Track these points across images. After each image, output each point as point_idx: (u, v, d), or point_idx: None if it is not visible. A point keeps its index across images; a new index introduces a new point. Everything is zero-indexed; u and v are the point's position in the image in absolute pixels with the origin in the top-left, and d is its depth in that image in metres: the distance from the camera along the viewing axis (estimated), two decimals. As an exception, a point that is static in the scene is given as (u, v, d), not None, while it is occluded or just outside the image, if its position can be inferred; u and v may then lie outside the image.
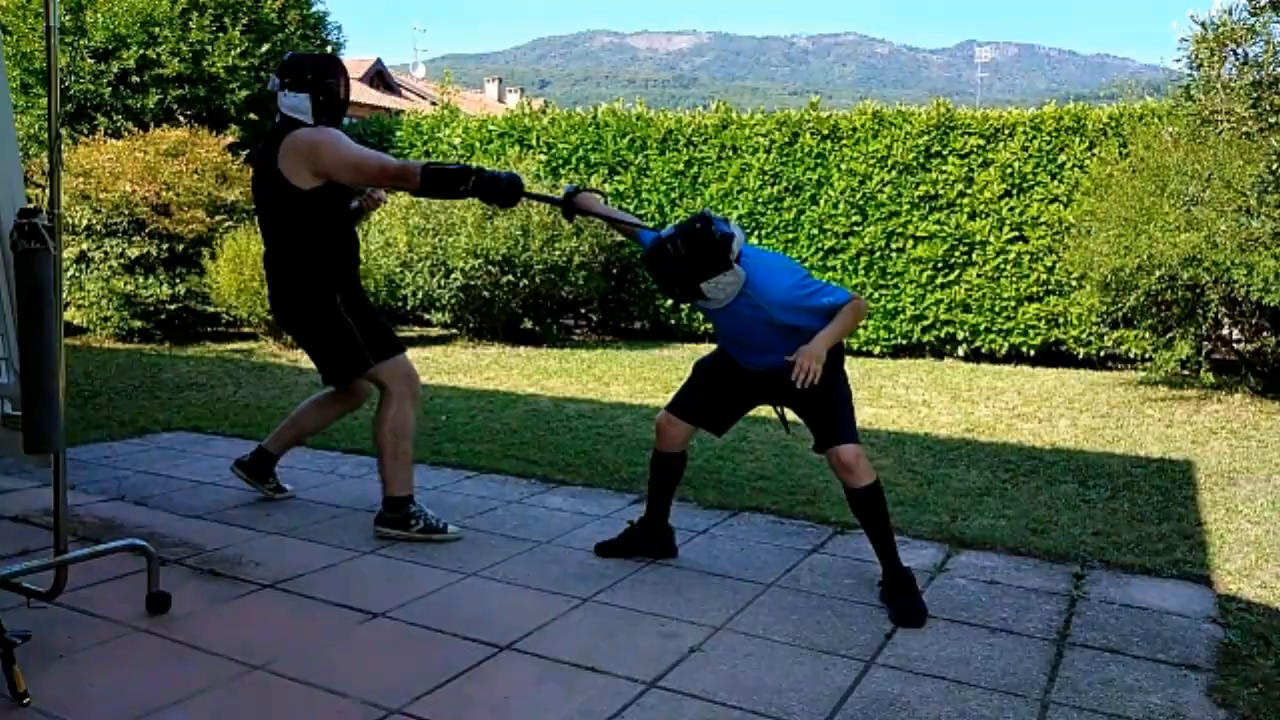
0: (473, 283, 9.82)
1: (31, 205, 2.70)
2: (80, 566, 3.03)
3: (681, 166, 10.98)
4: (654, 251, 3.13)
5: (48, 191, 2.86)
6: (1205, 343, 7.70)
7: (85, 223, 9.34)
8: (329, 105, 3.81)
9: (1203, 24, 7.75)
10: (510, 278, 9.82)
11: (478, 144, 12.01)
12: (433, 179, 3.51)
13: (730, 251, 3.06)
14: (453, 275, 9.83)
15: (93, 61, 10.88)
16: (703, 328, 10.94)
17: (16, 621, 2.63)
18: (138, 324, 9.66)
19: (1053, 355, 9.76)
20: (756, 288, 3.12)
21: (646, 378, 8.16)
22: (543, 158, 11.46)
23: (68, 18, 10.83)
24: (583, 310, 11.51)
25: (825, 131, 10.43)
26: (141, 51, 10.91)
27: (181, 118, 10.73)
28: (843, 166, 10.27)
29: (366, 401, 4.23)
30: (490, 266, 9.71)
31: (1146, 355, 8.56)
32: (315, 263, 3.78)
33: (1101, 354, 9.49)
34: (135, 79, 11.07)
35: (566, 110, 12.51)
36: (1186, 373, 8.10)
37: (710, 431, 3.55)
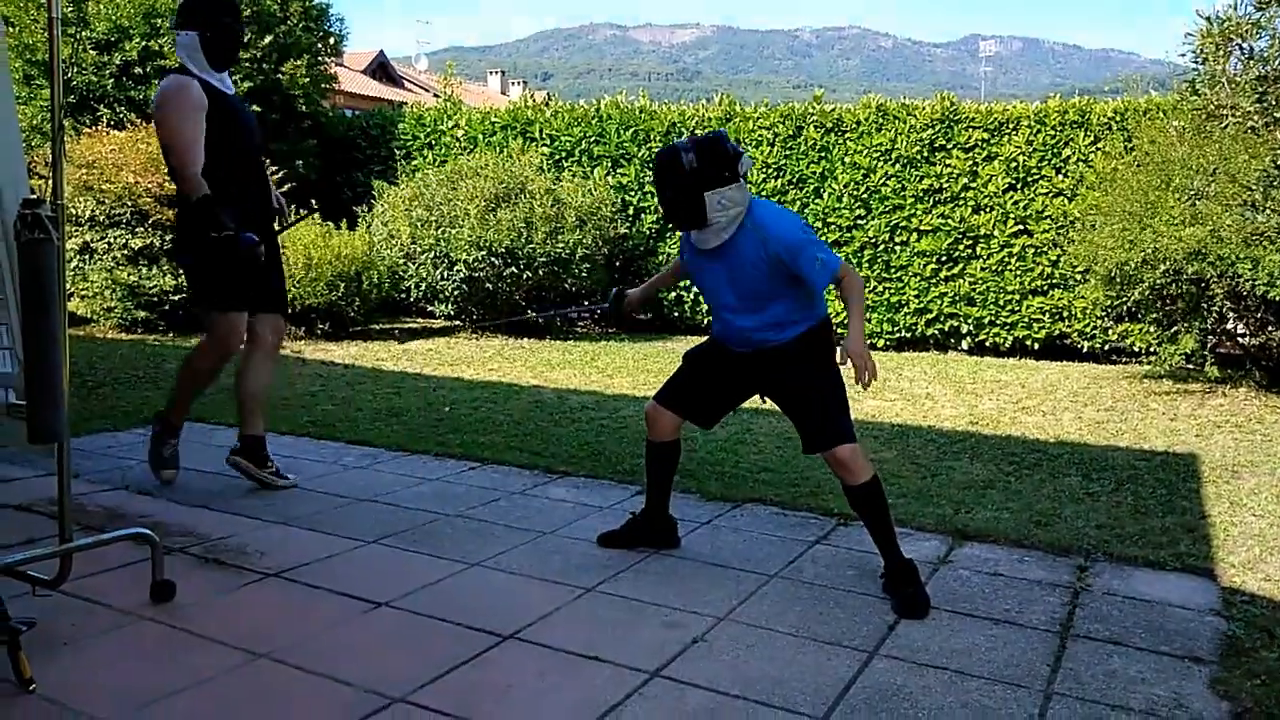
0: (476, 274, 9.82)
1: (35, 196, 2.70)
2: (85, 555, 3.03)
3: (685, 159, 10.95)
4: (666, 158, 3.10)
5: (51, 182, 2.86)
6: (1210, 337, 7.69)
7: (89, 214, 9.33)
8: (217, 41, 3.97)
9: (1208, 19, 7.73)
10: (513, 270, 9.81)
11: (480, 136, 12.00)
12: (198, 207, 3.82)
13: (740, 165, 3.08)
14: (456, 267, 9.82)
15: (95, 53, 10.86)
16: (705, 319, 10.92)
17: (22, 609, 2.64)
18: (141, 315, 9.66)
19: (1057, 349, 9.75)
20: (759, 217, 3.15)
21: (649, 370, 8.16)
22: (546, 150, 11.45)
23: (70, 9, 10.81)
24: (586, 302, 11.50)
25: (829, 125, 10.41)
26: (144, 43, 10.89)
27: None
28: (846, 160, 10.25)
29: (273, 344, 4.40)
30: (493, 258, 9.70)
31: (1151, 349, 8.55)
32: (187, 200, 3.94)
33: (1106, 348, 9.48)
34: (138, 70, 11.04)
35: (570, 103, 12.49)
36: (1191, 367, 8.09)
37: (697, 424, 3.51)
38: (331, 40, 13.45)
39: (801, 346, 3.26)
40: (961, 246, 9.84)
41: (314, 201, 10.26)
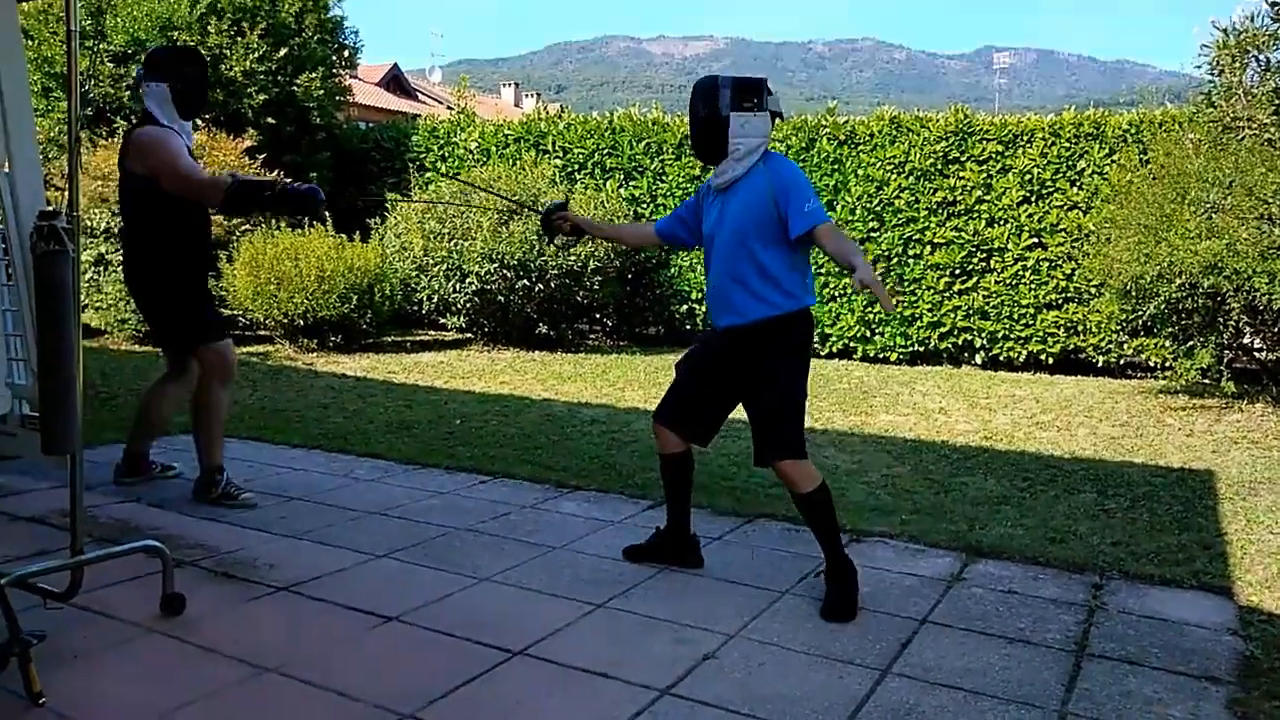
0: (488, 287, 9.83)
1: (51, 208, 2.72)
2: (96, 567, 3.03)
3: (698, 171, 10.96)
4: (705, 80, 3.30)
5: (67, 194, 2.87)
6: (1226, 351, 7.62)
7: (104, 225, 9.40)
8: (186, 91, 4.11)
9: (1224, 30, 7.71)
10: (525, 282, 9.82)
11: (494, 149, 12.03)
12: (238, 190, 3.83)
13: (766, 95, 3.24)
14: (468, 280, 9.84)
15: (112, 65, 10.95)
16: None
17: (33, 622, 2.63)
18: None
19: (1072, 363, 9.69)
20: (774, 160, 3.26)
21: (661, 383, 8.14)
22: (559, 162, 11.47)
23: (88, 22, 10.92)
24: (598, 315, 11.50)
25: (842, 137, 10.40)
26: (161, 56, 10.99)
27: (199, 121, 10.78)
28: (860, 172, 10.23)
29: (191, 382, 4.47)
30: (505, 271, 9.72)
31: (1167, 364, 8.49)
32: (153, 246, 4.13)
33: (1121, 362, 9.41)
34: (155, 83, 11.13)
35: (583, 115, 12.52)
36: (1207, 382, 8.03)
37: (693, 441, 3.50)
38: (346, 53, 13.53)
39: (770, 331, 3.23)
40: (975, 259, 9.80)
41: (327, 213, 10.36)
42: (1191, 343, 7.56)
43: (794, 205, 3.15)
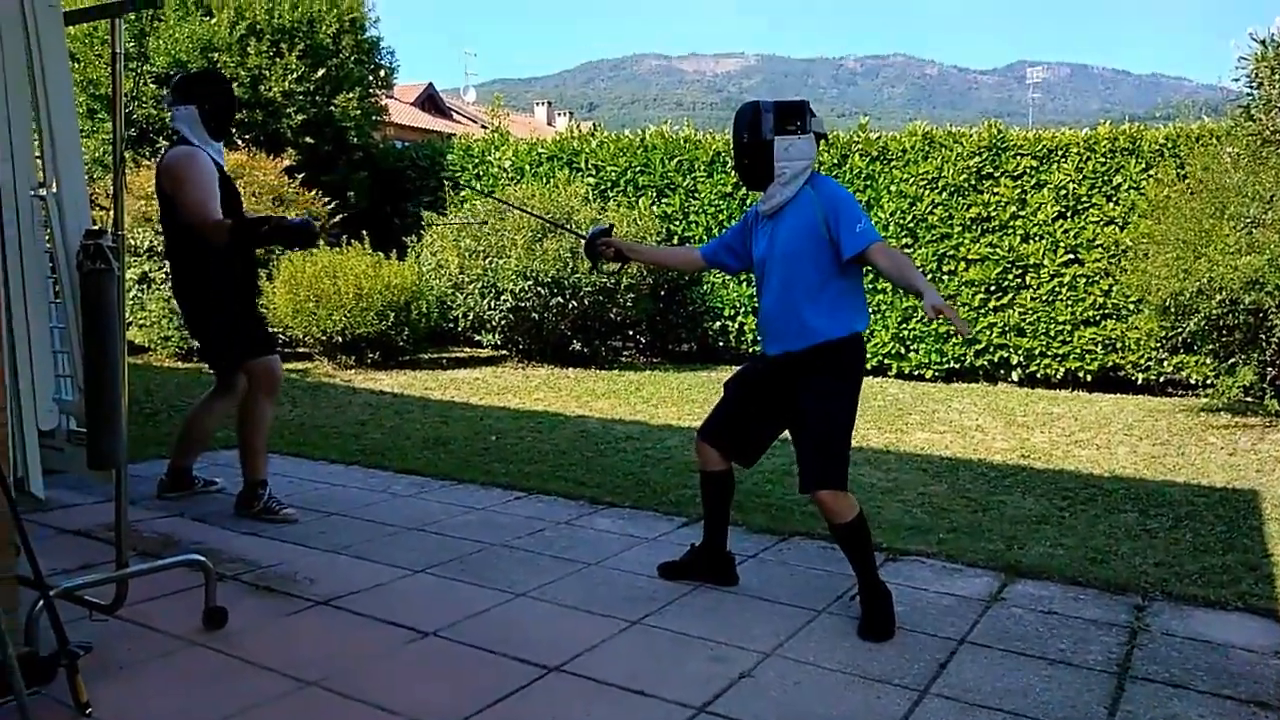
0: (522, 304, 9.89)
1: (97, 227, 2.78)
2: (140, 580, 3.08)
3: (729, 188, 10.98)
4: (747, 107, 3.32)
5: (112, 214, 2.94)
6: (1269, 368, 7.49)
7: (147, 244, 9.57)
8: (215, 113, 4.24)
9: (1263, 42, 7.61)
10: (559, 299, 9.87)
11: (527, 167, 12.12)
12: (236, 228, 4.01)
13: (809, 117, 3.24)
14: (503, 297, 9.90)
15: (155, 87, 11.16)
16: (749, 349, 10.89)
17: (79, 633, 2.68)
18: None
19: (1110, 380, 9.56)
20: (821, 182, 3.25)
21: (694, 400, 8.14)
22: (591, 180, 11.53)
23: (131, 44, 11.15)
24: (631, 332, 11.52)
25: (874, 153, 10.37)
26: (203, 77, 11.19)
27: (239, 141, 10.97)
28: (892, 188, 10.20)
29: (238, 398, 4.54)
30: (540, 288, 9.77)
31: (1208, 381, 8.36)
32: (197, 262, 4.23)
33: (1161, 379, 9.28)
34: (197, 104, 11.34)
35: (615, 133, 12.58)
36: (1250, 399, 7.89)
37: (737, 462, 3.49)
38: (382, 73, 13.71)
39: (821, 359, 3.20)
40: (1011, 276, 9.72)
41: (364, 231, 10.48)
42: (1233, 360, 7.44)
43: (845, 226, 3.12)
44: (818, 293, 3.18)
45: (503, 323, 10.19)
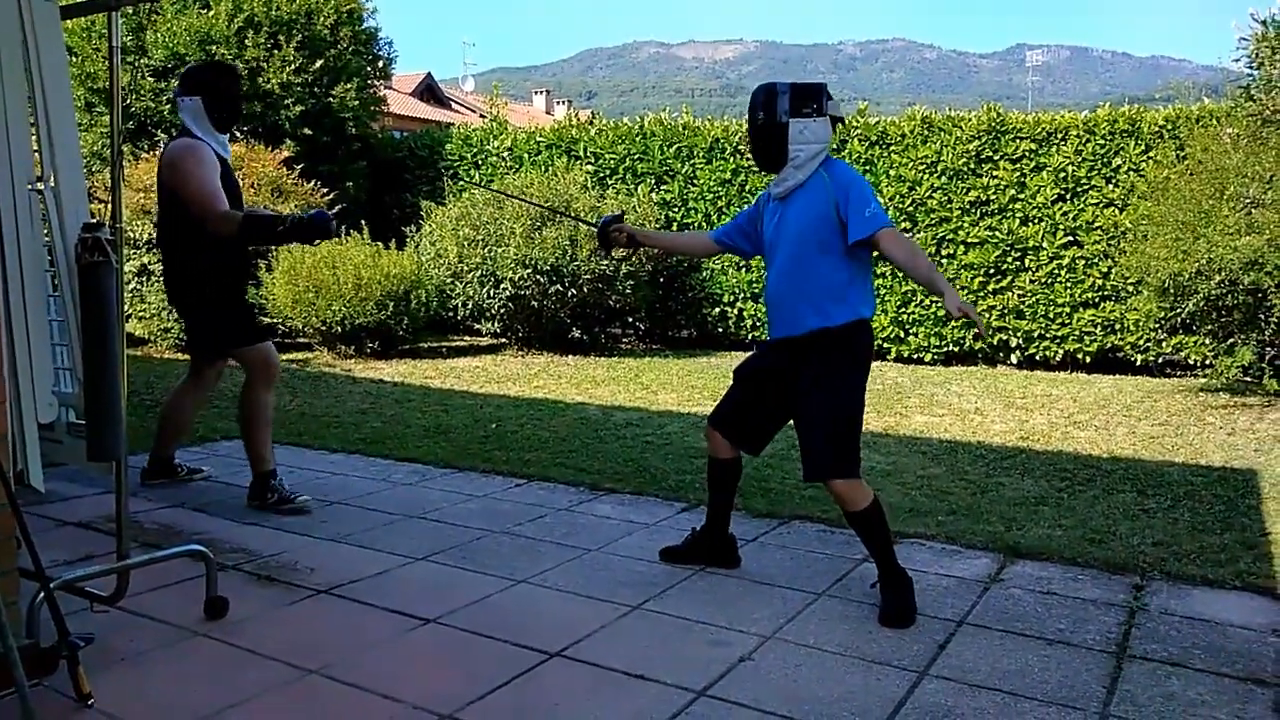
0: (522, 293, 9.89)
1: (95, 220, 2.78)
2: (141, 571, 3.10)
3: (729, 175, 10.96)
4: (763, 88, 3.30)
5: (110, 206, 2.94)
6: (1268, 348, 7.49)
7: (146, 237, 9.57)
8: (220, 105, 4.23)
9: (1264, 22, 7.58)
10: (558, 287, 9.87)
11: (526, 155, 12.10)
12: (250, 224, 4.04)
13: (825, 98, 3.22)
14: (502, 285, 9.90)
15: (153, 80, 11.14)
16: (749, 335, 10.89)
17: (81, 625, 2.70)
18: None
19: (1109, 362, 9.57)
20: (835, 166, 3.24)
21: (694, 386, 8.15)
22: (590, 168, 11.52)
23: (129, 38, 11.12)
24: (630, 319, 11.52)
25: (873, 138, 10.35)
26: (199, 69, 11.16)
27: (238, 133, 10.96)
28: (891, 173, 10.18)
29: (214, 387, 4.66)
30: (539, 276, 9.77)
31: (1207, 362, 8.36)
32: (189, 252, 4.22)
33: (1160, 360, 9.28)
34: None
35: (613, 121, 12.55)
36: (1249, 379, 7.89)
37: (744, 450, 3.50)
38: (380, 64, 13.65)
39: (827, 343, 3.18)
40: (1010, 258, 9.72)
41: (363, 221, 10.47)
42: (1232, 340, 7.44)
43: (854, 209, 3.11)
44: (825, 277, 3.17)
45: (502, 311, 10.19)
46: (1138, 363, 9.36)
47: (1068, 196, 9.48)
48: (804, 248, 3.19)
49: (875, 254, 3.27)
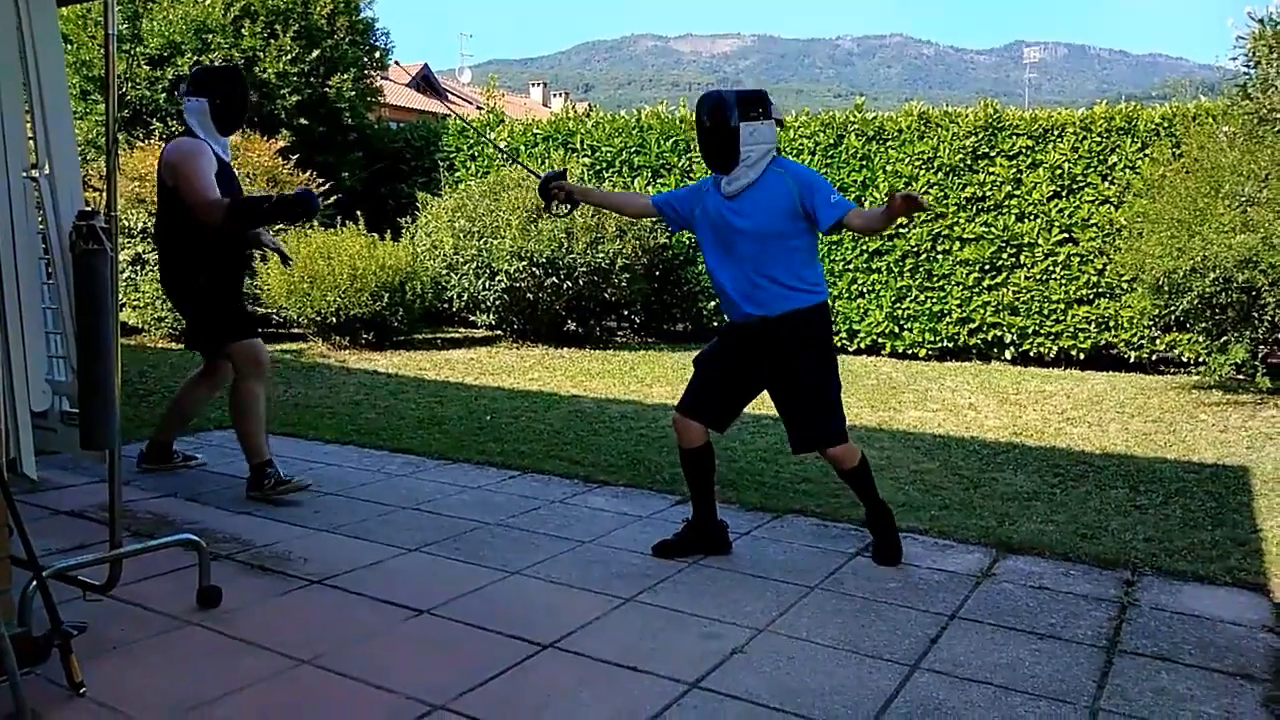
0: (517, 285, 9.88)
1: (89, 208, 2.77)
2: (134, 560, 3.10)
3: (725, 169, 10.94)
4: (710, 94, 3.53)
5: (105, 195, 2.93)
6: (1261, 346, 7.51)
7: (141, 225, 9.55)
8: (225, 108, 4.26)
9: (1261, 21, 7.59)
10: (554, 280, 9.86)
11: (523, 148, 12.08)
12: (238, 206, 4.11)
13: (771, 105, 3.48)
14: (497, 277, 9.89)
15: (148, 68, 11.10)
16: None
17: (73, 614, 2.69)
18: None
19: (1103, 358, 9.59)
20: (787, 162, 3.52)
21: (688, 379, 8.13)
22: (587, 161, 11.50)
23: (125, 26, 11.08)
24: (625, 312, 11.52)
25: (870, 133, 10.35)
26: (195, 58, 11.10)
27: (233, 123, 10.94)
28: (888, 168, 10.18)
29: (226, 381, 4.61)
30: (534, 269, 9.76)
31: (1200, 359, 8.38)
32: (185, 248, 4.26)
33: (1153, 357, 9.31)
34: (189, 85, 11.28)
35: (610, 114, 12.54)
36: (1242, 377, 7.92)
37: (711, 427, 3.66)
38: (377, 54, 13.62)
39: (795, 326, 3.44)
40: (1005, 255, 9.73)
41: (359, 212, 10.45)
42: (1225, 338, 7.46)
43: (820, 199, 3.37)
44: (791, 263, 3.44)
45: (497, 303, 10.18)
46: (1131, 360, 9.39)
47: (1063, 193, 9.49)
48: (772, 239, 3.43)
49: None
